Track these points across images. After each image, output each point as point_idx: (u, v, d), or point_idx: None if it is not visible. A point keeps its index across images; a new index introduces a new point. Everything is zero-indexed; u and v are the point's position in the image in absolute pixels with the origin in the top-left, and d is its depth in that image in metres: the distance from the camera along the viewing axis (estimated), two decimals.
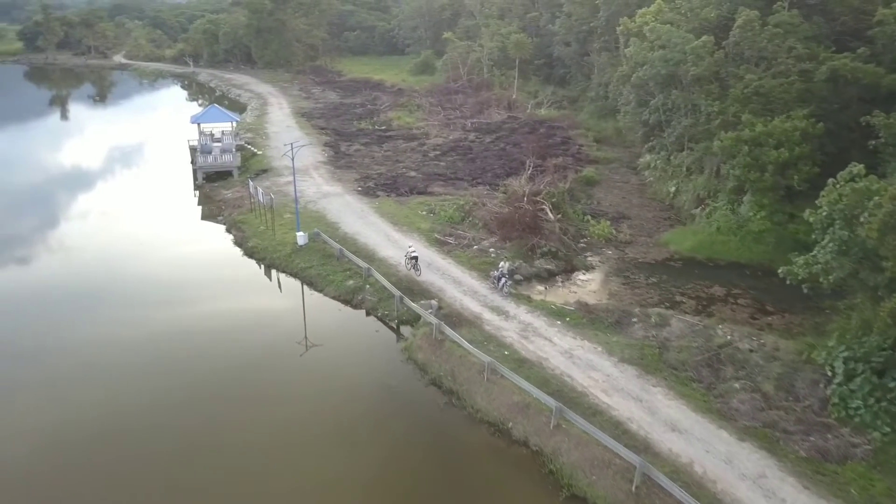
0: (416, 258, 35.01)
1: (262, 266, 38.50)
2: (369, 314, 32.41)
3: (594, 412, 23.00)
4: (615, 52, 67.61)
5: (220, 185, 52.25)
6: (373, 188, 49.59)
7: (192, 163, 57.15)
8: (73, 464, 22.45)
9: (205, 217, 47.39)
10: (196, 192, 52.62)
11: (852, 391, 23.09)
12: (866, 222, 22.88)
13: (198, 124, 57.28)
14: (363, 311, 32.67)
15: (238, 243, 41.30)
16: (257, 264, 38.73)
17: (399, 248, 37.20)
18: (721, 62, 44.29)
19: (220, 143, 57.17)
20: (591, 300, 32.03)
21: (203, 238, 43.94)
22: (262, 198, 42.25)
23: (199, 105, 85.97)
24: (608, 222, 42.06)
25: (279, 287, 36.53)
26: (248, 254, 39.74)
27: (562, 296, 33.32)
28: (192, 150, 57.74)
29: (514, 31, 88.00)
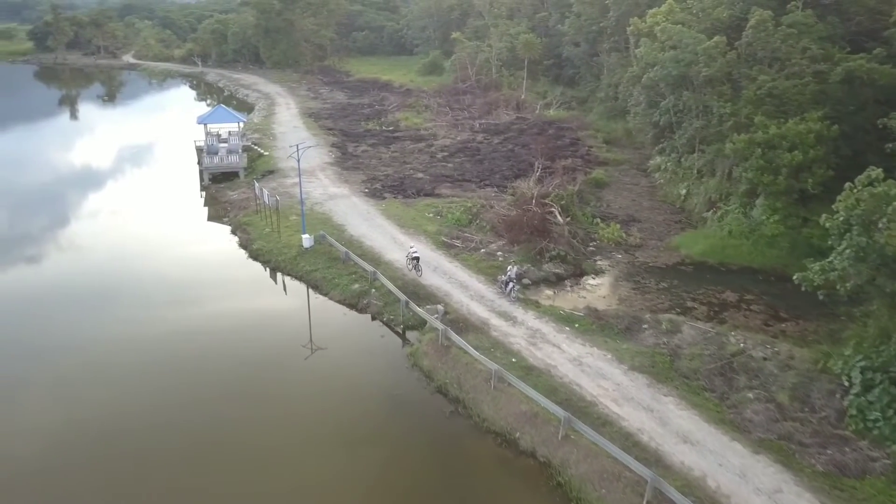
0: (417, 258, 34.65)
1: (267, 269, 38.08)
2: (375, 318, 31.93)
3: (604, 422, 22.42)
4: (625, 53, 67.00)
5: (227, 187, 51.92)
6: (380, 190, 49.13)
7: (198, 163, 56.85)
8: (79, 461, 22.45)
9: (211, 218, 47.09)
10: (202, 193, 52.35)
11: (870, 402, 22.41)
12: (885, 228, 22.20)
13: (204, 125, 57.00)
14: (369, 316, 32.18)
15: (243, 245, 40.92)
16: (262, 267, 38.31)
17: (405, 251, 36.64)
18: (733, 63, 43.58)
19: (226, 144, 56.86)
20: (601, 306, 31.41)
21: (208, 240, 43.59)
22: (267, 199, 41.87)
23: (208, 105, 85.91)
24: (618, 225, 41.41)
25: (284, 290, 36.10)
26: (254, 256, 39.33)
27: (571, 301, 32.76)
28: (199, 150, 57.48)
29: (523, 31, 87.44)
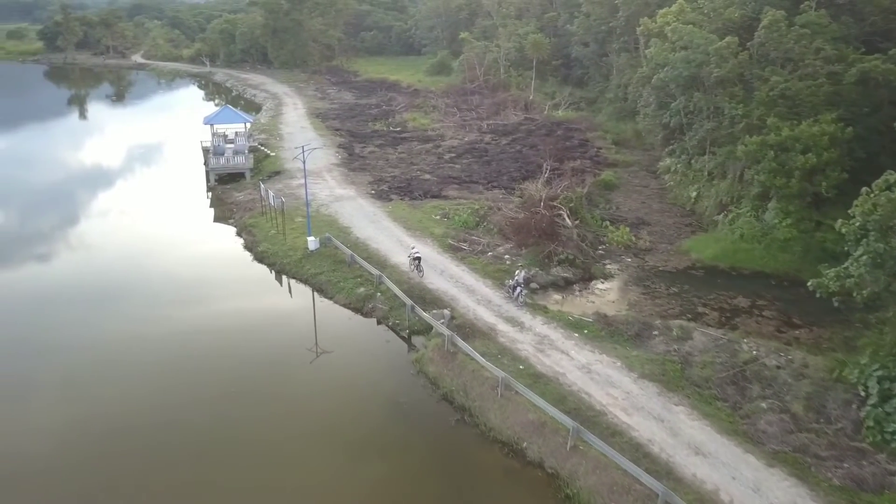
0: (419, 259, 34.35)
1: (272, 271, 37.72)
2: (380, 323, 31.47)
3: (613, 432, 21.88)
4: (634, 53, 66.40)
5: (233, 188, 51.67)
6: (386, 191, 48.72)
7: (204, 164, 56.61)
8: (87, 457, 22.56)
9: (216, 219, 46.82)
10: (209, 195, 52.10)
11: (888, 414, 21.79)
12: None
13: (211, 125, 56.76)
14: (374, 320, 31.73)
15: (248, 247, 40.59)
16: (268, 269, 37.95)
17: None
18: (745, 64, 42.94)
19: (232, 145, 56.63)
20: (610, 311, 30.85)
21: (214, 241, 43.27)
22: (273, 201, 41.51)
23: (216, 105, 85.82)
24: (627, 228, 40.79)
25: (290, 293, 35.72)
26: (258, 259, 38.98)
27: (579, 306, 32.21)
28: (205, 151, 57.24)
29: (532, 31, 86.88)
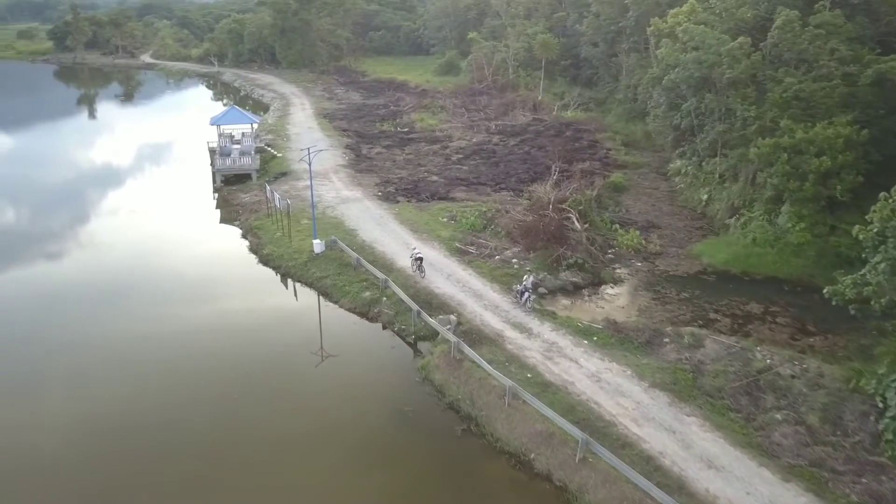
0: (420, 259, 34.01)
1: (277, 274, 37.31)
2: (386, 328, 31.01)
3: (623, 444, 21.32)
4: (644, 53, 65.68)
5: (239, 189, 51.36)
6: (393, 193, 48.27)
7: (211, 165, 56.32)
8: (93, 454, 22.76)
9: (222, 221, 46.49)
10: (215, 196, 51.81)
11: None
12: None
13: (217, 126, 56.47)
14: (379, 325, 31.28)
15: (253, 250, 40.19)
16: (273, 272, 37.54)
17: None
18: (758, 65, 42.22)
19: (239, 146, 56.29)
20: (620, 317, 30.28)
21: (219, 244, 42.88)
22: (278, 203, 41.13)
23: (224, 105, 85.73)
24: (637, 232, 40.17)
25: (295, 296, 35.34)
26: (264, 261, 38.58)
27: (588, 311, 31.65)
28: (211, 152, 56.94)
29: (541, 31, 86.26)
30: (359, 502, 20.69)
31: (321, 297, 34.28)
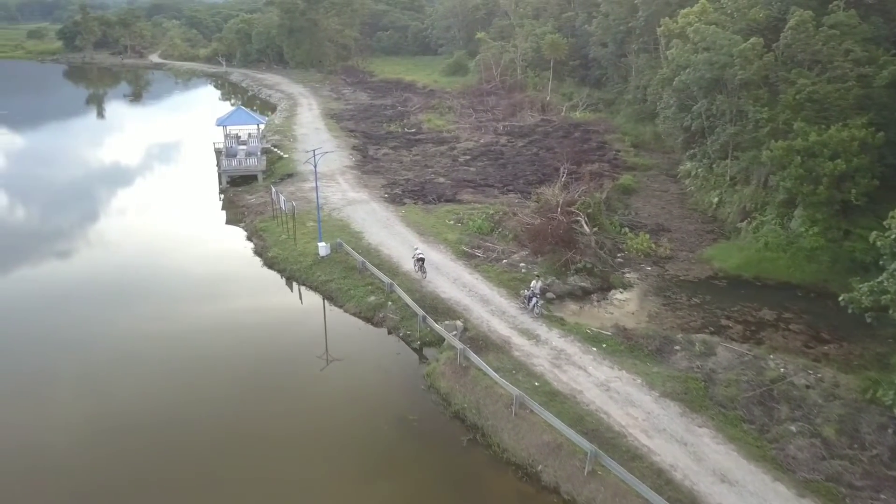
0: (422, 259, 33.71)
1: (282, 277, 36.91)
2: (391, 333, 30.53)
3: (633, 456, 20.76)
4: (654, 54, 65.02)
5: (244, 190, 51.05)
6: (400, 195, 47.81)
7: (216, 166, 56.02)
8: (100, 452, 22.89)
9: (228, 223, 46.18)
10: (221, 197, 51.51)
11: None
12: None
13: (223, 127, 56.20)
14: (384, 330, 30.81)
15: (258, 252, 39.82)
16: (278, 275, 37.14)
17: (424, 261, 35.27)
18: (771, 66, 41.48)
19: (245, 146, 55.99)
20: (630, 323, 29.69)
21: (223, 246, 42.52)
22: (283, 205, 40.75)
23: (232, 105, 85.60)
24: (647, 235, 39.48)
25: (300, 300, 34.94)
26: (269, 264, 38.20)
27: (597, 317, 31.06)
28: (217, 153, 56.62)
29: (549, 31, 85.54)
30: None
31: (326, 301, 33.87)
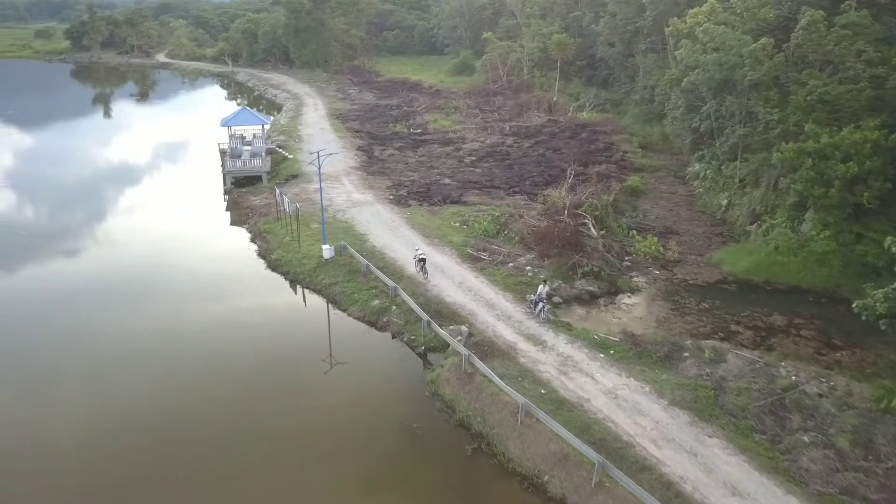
0: (423, 260, 33.46)
1: (286, 280, 36.57)
2: (395, 337, 30.12)
3: (642, 467, 20.28)
4: (662, 54, 64.44)
5: (249, 191, 50.74)
6: (405, 197, 47.42)
7: (221, 167, 55.74)
8: (104, 450, 23.01)
9: (232, 224, 45.96)
10: (225, 198, 51.24)
11: None
12: None
13: (228, 127, 55.92)
14: (388, 334, 30.39)
15: (262, 255, 39.50)
16: (281, 278, 36.79)
17: (429, 263, 34.77)
18: (781, 66, 40.88)
19: (250, 147, 55.69)
20: (638, 329, 29.19)
21: (227, 248, 42.23)
22: (287, 207, 40.41)
23: (238, 105, 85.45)
24: (655, 238, 38.95)
25: (304, 302, 34.60)
26: (272, 266, 37.86)
27: (605, 322, 30.59)
28: (222, 153, 56.32)
29: (556, 31, 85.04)
30: None
31: (330, 305, 33.49)
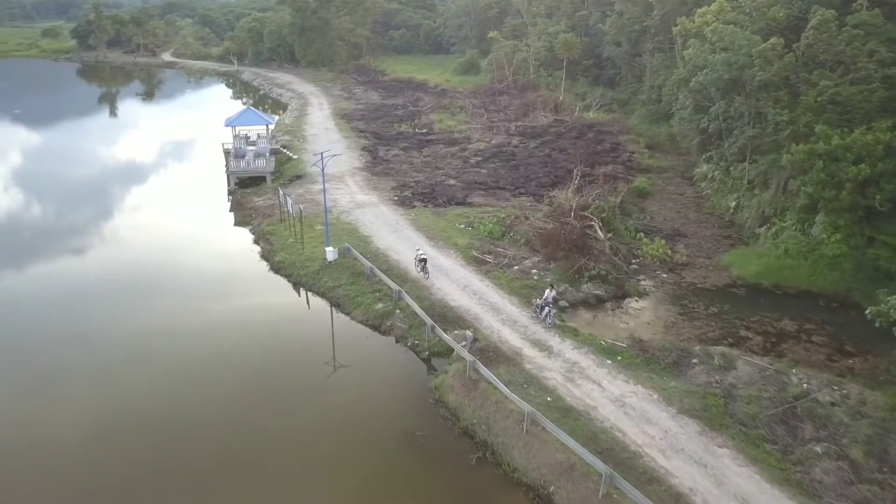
0: (424, 260, 33.29)
1: (290, 282, 36.21)
2: (398, 342, 29.70)
3: (650, 479, 19.80)
4: (669, 53, 63.80)
5: (253, 192, 50.41)
6: (409, 198, 47.00)
7: (225, 167, 55.42)
8: (107, 449, 23.02)
9: (235, 225, 45.58)
10: (229, 198, 50.93)
11: None
12: None
13: (232, 127, 55.61)
14: (392, 339, 29.98)
15: (265, 257, 39.14)
16: (285, 281, 36.43)
17: (433, 266, 34.47)
18: (791, 67, 40.30)
19: (254, 147, 55.37)
20: (645, 334, 28.69)
21: (230, 250, 41.85)
22: (291, 208, 40.05)
23: (243, 104, 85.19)
24: (663, 241, 38.43)
25: (307, 305, 34.24)
26: (275, 269, 37.49)
27: (612, 327, 30.11)
28: (226, 153, 55.99)
29: (563, 30, 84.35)
30: None
31: (333, 308, 33.11)
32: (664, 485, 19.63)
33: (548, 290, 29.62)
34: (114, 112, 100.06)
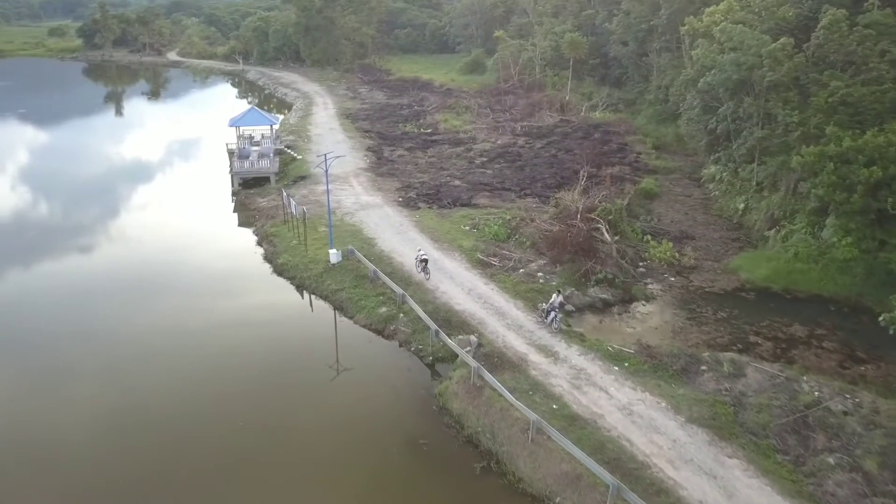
0: (425, 261, 33.00)
1: (293, 285, 35.86)
2: (402, 346, 29.30)
3: (658, 490, 19.34)
4: (677, 53, 63.26)
5: (257, 193, 50.07)
6: (414, 199, 46.59)
7: (229, 167, 55.13)
8: (110, 447, 23.00)
9: (238, 226, 45.33)
10: (233, 199, 50.64)
11: None
12: None
13: (236, 127, 55.32)
14: (396, 343, 29.57)
15: (268, 259, 38.82)
16: (288, 283, 36.09)
17: (438, 268, 34.10)
18: (802, 67, 39.73)
19: (258, 148, 55.06)
20: (653, 339, 28.23)
21: (233, 252, 41.54)
22: (294, 210, 39.71)
23: (248, 103, 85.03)
24: (670, 243, 37.90)
25: (310, 307, 33.90)
26: (278, 271, 37.16)
27: (619, 332, 29.64)
28: (230, 154, 55.70)
29: (569, 29, 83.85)
30: None
31: (336, 312, 32.75)
32: (672, 497, 19.16)
33: (555, 295, 29.19)
34: (119, 111, 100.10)
